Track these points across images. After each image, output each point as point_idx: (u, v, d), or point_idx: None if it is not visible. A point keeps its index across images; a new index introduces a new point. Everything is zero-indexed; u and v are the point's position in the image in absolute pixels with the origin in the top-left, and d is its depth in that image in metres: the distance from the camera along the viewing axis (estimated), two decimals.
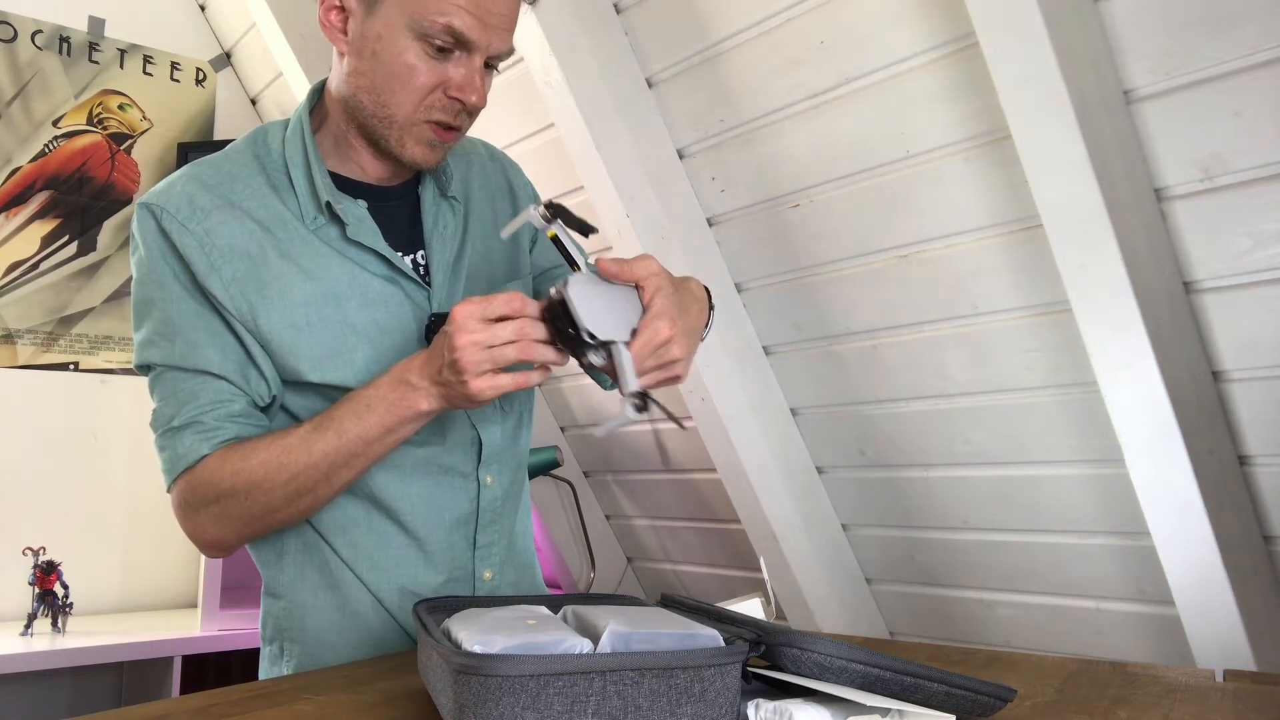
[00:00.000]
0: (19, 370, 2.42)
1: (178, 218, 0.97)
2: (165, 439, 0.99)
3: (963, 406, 1.71)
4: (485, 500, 1.06)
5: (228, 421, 0.96)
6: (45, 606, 2.17)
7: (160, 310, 0.98)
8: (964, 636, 1.92)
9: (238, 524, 0.96)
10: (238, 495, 0.94)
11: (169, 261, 0.97)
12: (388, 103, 0.97)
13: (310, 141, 1.02)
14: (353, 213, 1.01)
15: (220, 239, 0.97)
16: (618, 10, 1.82)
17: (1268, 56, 1.20)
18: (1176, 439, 1.34)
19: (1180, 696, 0.78)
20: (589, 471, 2.61)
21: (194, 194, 0.98)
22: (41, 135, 2.48)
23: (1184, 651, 1.52)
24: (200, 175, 1.00)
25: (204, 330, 0.97)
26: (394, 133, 0.99)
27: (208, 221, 0.97)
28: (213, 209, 0.98)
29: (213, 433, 0.96)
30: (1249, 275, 1.32)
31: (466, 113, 0.98)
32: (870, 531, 2.00)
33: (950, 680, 0.65)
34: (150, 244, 0.98)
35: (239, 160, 1.03)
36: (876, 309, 1.74)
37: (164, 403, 0.99)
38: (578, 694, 0.58)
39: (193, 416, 0.97)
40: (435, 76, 0.96)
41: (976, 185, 1.52)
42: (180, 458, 0.97)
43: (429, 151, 0.99)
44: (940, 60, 1.47)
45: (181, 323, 0.97)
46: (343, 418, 0.92)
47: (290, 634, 1.03)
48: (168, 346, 0.98)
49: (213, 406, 0.96)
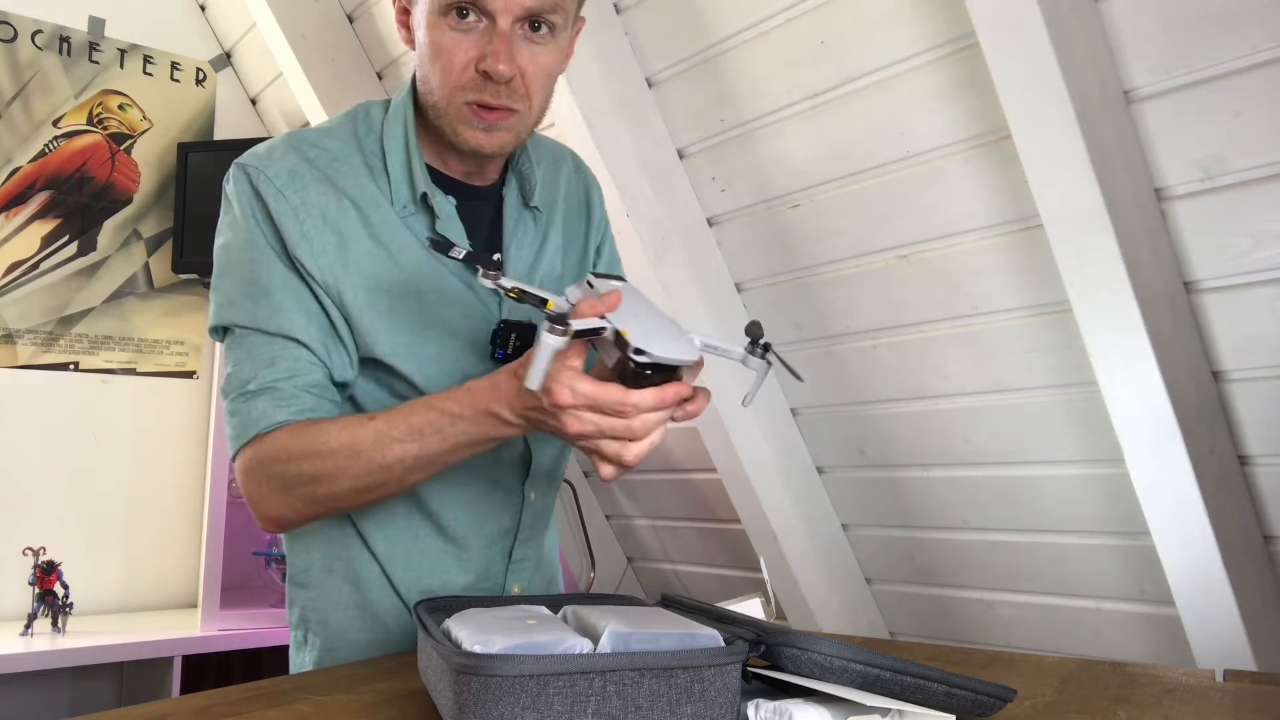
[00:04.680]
0: (19, 370, 2.42)
1: (275, 183, 0.96)
2: (238, 403, 0.95)
3: (963, 406, 1.71)
4: (527, 516, 1.06)
5: (304, 392, 0.94)
6: (45, 606, 2.17)
7: (247, 270, 0.96)
8: (964, 636, 1.92)
9: (300, 505, 0.93)
10: (304, 480, 0.91)
11: (261, 225, 0.96)
12: (433, 88, 0.97)
13: (411, 129, 1.02)
14: (444, 208, 1.00)
15: (314, 210, 0.96)
16: (618, 10, 1.82)
17: (1268, 56, 1.20)
18: (1176, 439, 1.34)
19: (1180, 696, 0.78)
20: (589, 471, 2.61)
21: (294, 164, 0.97)
22: (41, 135, 2.48)
23: (1184, 651, 1.52)
24: (300, 147, 0.99)
25: (291, 295, 0.95)
26: (445, 120, 0.97)
27: (305, 192, 0.96)
28: (311, 181, 0.97)
29: (289, 401, 0.93)
30: (1249, 275, 1.32)
31: (508, 90, 0.94)
32: (870, 531, 2.00)
33: (950, 680, 0.65)
34: (245, 204, 0.96)
35: (339, 136, 1.02)
36: (876, 309, 1.74)
37: (239, 367, 0.96)
38: (578, 694, 0.58)
39: (270, 382, 0.93)
40: (466, 53, 0.93)
41: (976, 185, 1.51)
42: (252, 423, 0.94)
43: (477, 135, 0.96)
44: (940, 60, 1.47)
45: (269, 284, 0.95)
46: (422, 429, 0.88)
47: (314, 625, 1.04)
48: (251, 308, 0.95)
49: (290, 375, 0.94)
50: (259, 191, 0.96)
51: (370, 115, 1.04)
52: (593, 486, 2.62)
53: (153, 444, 2.59)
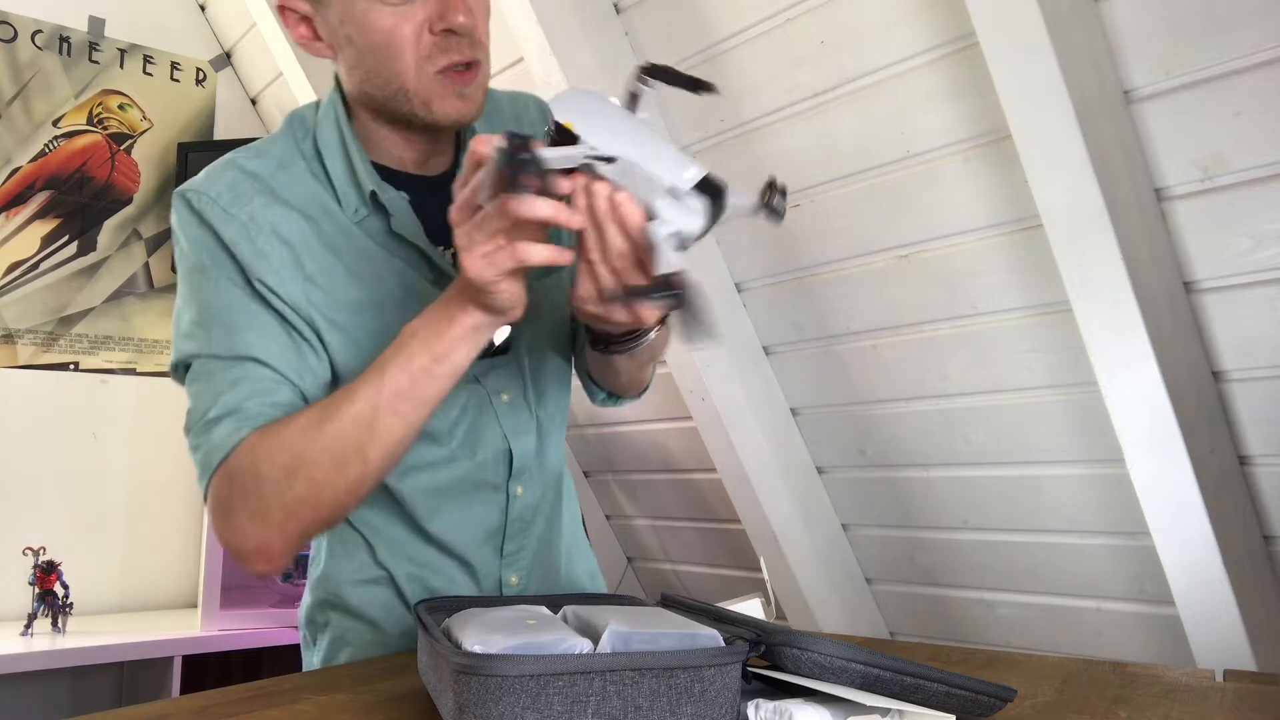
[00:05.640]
0: (19, 370, 2.42)
1: (219, 203, 0.90)
2: (199, 435, 0.87)
3: (963, 406, 1.71)
4: (514, 511, 1.03)
5: (271, 409, 0.86)
6: (45, 606, 2.17)
7: (199, 299, 0.90)
8: (964, 636, 1.92)
9: (281, 517, 0.83)
10: (277, 476, 0.82)
11: (209, 249, 0.90)
12: (390, 77, 0.90)
13: (346, 125, 0.95)
14: (397, 204, 0.94)
15: (264, 224, 0.90)
16: (618, 10, 1.82)
17: (1268, 56, 1.20)
18: (1176, 439, 1.34)
19: (1180, 696, 0.78)
20: (589, 471, 2.60)
21: (234, 179, 0.92)
22: (41, 135, 2.48)
23: (1184, 651, 1.52)
24: (238, 162, 0.94)
25: (247, 314, 0.89)
26: (415, 103, 0.91)
27: (251, 206, 0.90)
28: (255, 194, 0.91)
29: (254, 419, 0.85)
30: (1249, 275, 1.32)
31: (470, 42, 0.89)
32: (870, 531, 2.00)
33: (950, 680, 0.65)
34: (191, 232, 0.91)
35: (279, 144, 0.96)
36: (876, 309, 1.74)
37: (198, 398, 0.88)
38: (578, 694, 0.58)
39: (231, 405, 0.85)
40: (413, 22, 0.87)
41: (976, 185, 1.51)
42: (216, 449, 0.85)
43: (460, 104, 0.91)
44: (940, 60, 1.47)
45: (223, 307, 0.89)
46: (384, 360, 0.82)
47: (317, 625, 1.04)
48: (205, 335, 0.89)
49: (254, 394, 0.86)
50: (202, 215, 0.90)
51: (304, 119, 0.98)
52: (593, 486, 2.62)
53: (153, 444, 2.59)
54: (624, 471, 2.50)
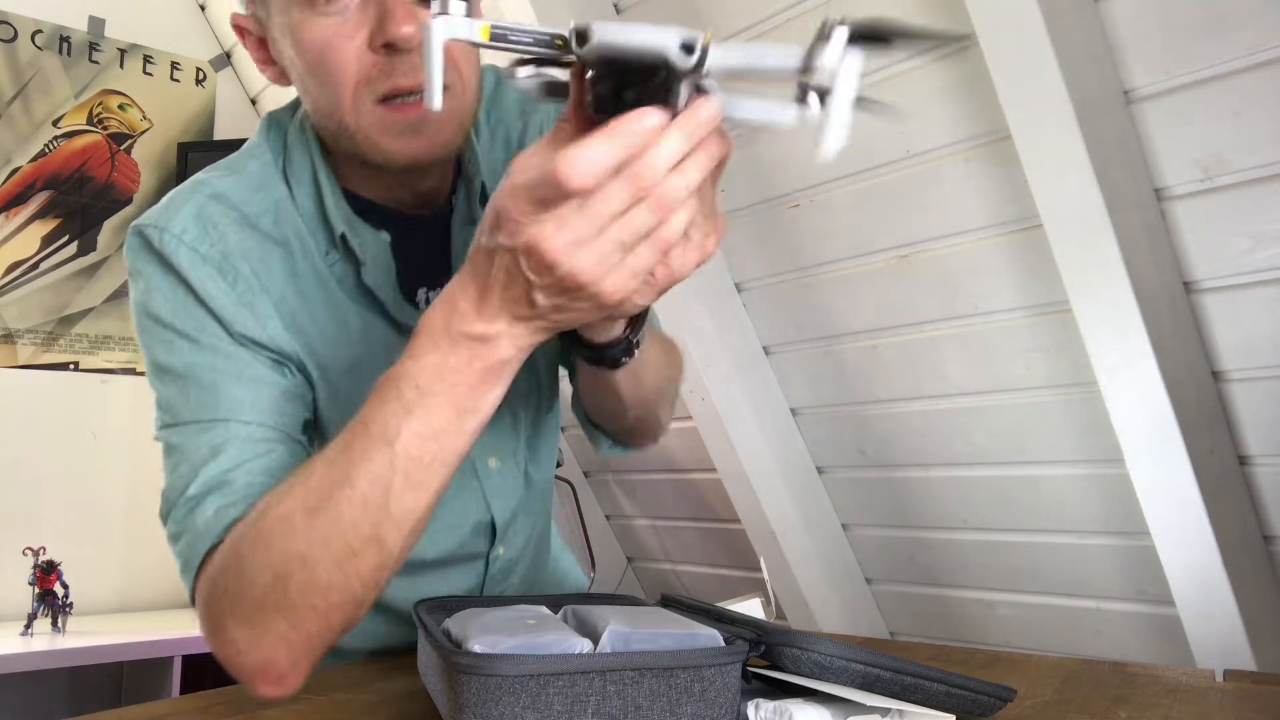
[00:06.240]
0: (19, 370, 2.42)
1: (185, 240, 0.76)
2: (180, 521, 0.73)
3: (963, 406, 1.71)
4: (495, 569, 0.93)
5: (264, 477, 0.71)
6: (45, 606, 2.17)
7: (165, 354, 0.77)
8: (964, 636, 1.92)
9: (283, 628, 0.65)
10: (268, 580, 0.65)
11: (176, 299, 0.76)
12: (328, 107, 0.74)
13: (318, 151, 0.80)
14: (372, 250, 0.79)
15: (239, 259, 0.76)
16: (618, 10, 1.82)
17: (1268, 56, 1.20)
18: (1176, 439, 1.35)
19: (1180, 696, 0.78)
20: (589, 471, 2.61)
21: (202, 207, 0.77)
22: (41, 135, 2.48)
23: (1184, 651, 1.52)
24: (210, 182, 0.79)
25: (223, 365, 0.75)
26: (359, 140, 0.74)
27: (223, 241, 0.76)
28: (227, 224, 0.77)
29: (244, 496, 0.70)
30: (1249, 275, 1.32)
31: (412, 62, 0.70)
32: (870, 531, 2.00)
33: (950, 680, 0.65)
34: (153, 281, 0.76)
35: (256, 160, 0.82)
36: (876, 309, 1.74)
37: (174, 474, 0.75)
38: (578, 694, 0.58)
39: (215, 478, 0.72)
40: (351, 36, 0.70)
41: (976, 185, 1.52)
42: (200, 538, 0.70)
43: (406, 142, 0.73)
44: (940, 60, 1.47)
45: (194, 363, 0.75)
46: (385, 419, 0.62)
47: None
48: (179, 398, 0.76)
49: (240, 462, 0.72)
50: (166, 258, 0.75)
51: (281, 125, 0.83)
52: (593, 486, 2.62)
53: (153, 444, 2.58)
54: (624, 471, 2.50)
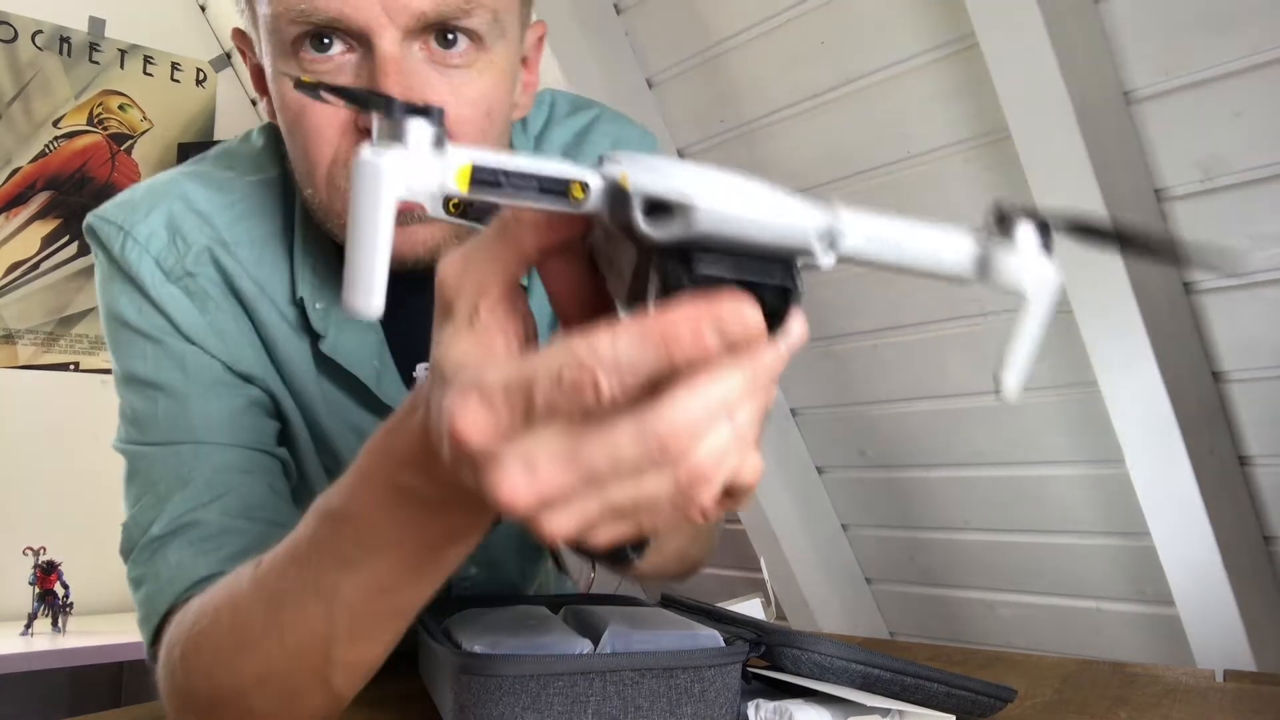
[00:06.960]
0: (19, 370, 2.42)
1: (150, 252, 0.68)
2: (144, 564, 0.62)
3: (963, 406, 1.71)
4: None
5: (241, 519, 0.62)
6: (45, 606, 2.17)
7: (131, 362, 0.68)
8: (964, 636, 1.92)
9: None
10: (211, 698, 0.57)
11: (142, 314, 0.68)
12: (303, 174, 0.64)
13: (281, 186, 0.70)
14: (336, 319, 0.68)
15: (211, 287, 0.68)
16: (618, 10, 1.82)
17: (1268, 57, 1.20)
18: (1176, 439, 1.35)
19: (1180, 696, 0.78)
20: None
21: (176, 216, 0.69)
22: (42, 135, 2.48)
23: (1184, 651, 1.52)
24: (189, 193, 0.70)
25: (196, 381, 0.66)
26: (329, 219, 0.64)
27: (199, 266, 0.68)
28: (203, 245, 0.68)
29: (218, 542, 0.61)
30: (1249, 275, 1.32)
31: None
32: (870, 531, 2.00)
33: (950, 680, 0.65)
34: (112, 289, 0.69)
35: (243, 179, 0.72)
36: (877, 309, 1.74)
37: (137, 506, 0.64)
38: (578, 694, 0.58)
39: (183, 517, 0.61)
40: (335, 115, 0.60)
41: (976, 185, 1.52)
42: (162, 590, 0.60)
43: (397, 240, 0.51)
44: (940, 60, 1.47)
45: (162, 377, 0.66)
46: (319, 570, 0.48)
47: None
48: (148, 414, 0.65)
49: (216, 495, 0.62)
50: (128, 270, 0.67)
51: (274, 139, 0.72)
52: None
53: None
54: None
